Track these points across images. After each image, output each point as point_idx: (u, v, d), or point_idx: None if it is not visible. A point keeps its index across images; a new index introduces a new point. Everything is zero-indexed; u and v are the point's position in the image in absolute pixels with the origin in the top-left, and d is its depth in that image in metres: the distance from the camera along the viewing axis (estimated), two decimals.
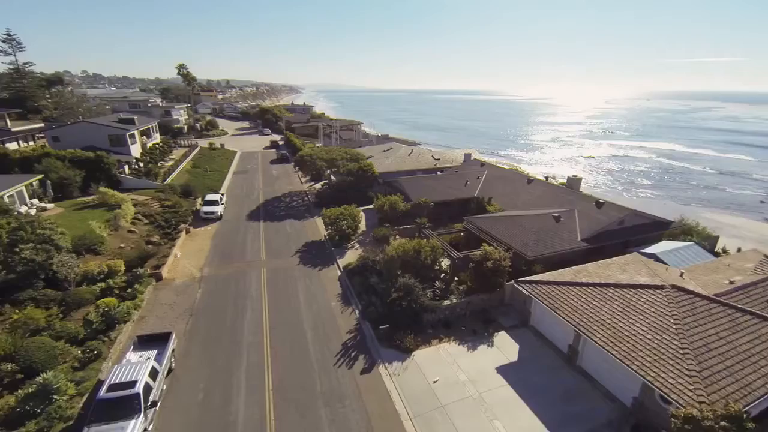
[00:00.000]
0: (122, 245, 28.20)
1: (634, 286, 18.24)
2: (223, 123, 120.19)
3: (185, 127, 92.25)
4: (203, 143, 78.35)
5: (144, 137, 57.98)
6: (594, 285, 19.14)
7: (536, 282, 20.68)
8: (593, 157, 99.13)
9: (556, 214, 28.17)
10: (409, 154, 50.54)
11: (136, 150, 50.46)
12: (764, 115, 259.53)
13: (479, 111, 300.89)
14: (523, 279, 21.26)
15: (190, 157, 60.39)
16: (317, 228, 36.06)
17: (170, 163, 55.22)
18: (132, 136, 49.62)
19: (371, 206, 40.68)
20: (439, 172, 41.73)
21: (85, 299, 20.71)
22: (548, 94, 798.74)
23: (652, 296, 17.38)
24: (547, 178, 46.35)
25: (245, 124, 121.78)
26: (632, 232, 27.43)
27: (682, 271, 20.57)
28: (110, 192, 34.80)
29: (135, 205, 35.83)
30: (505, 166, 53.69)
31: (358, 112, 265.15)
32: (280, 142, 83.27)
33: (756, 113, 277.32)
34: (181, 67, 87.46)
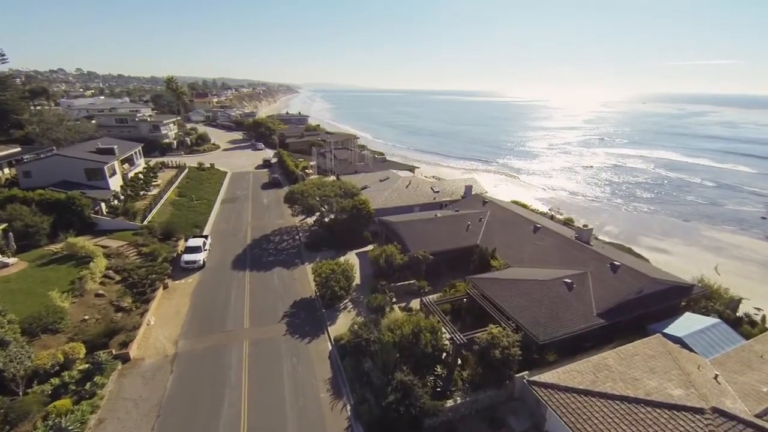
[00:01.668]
0: (86, 317, 25.29)
1: (670, 407, 15.75)
2: (215, 133, 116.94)
3: (174, 142, 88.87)
4: (192, 161, 75.29)
5: (126, 164, 54.85)
6: (621, 399, 16.63)
7: (552, 386, 18.16)
8: (591, 167, 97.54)
9: (568, 280, 25.68)
10: (407, 186, 47.94)
11: (115, 182, 47.29)
12: (760, 120, 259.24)
13: (476, 114, 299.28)
14: (536, 381, 18.72)
15: (176, 183, 57.32)
16: (307, 279, 33.35)
17: (155, 192, 52.18)
18: (111, 167, 46.50)
19: (366, 249, 38.22)
20: (438, 213, 39.15)
21: (32, 410, 17.86)
22: (545, 95, 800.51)
23: (692, 425, 14.88)
24: (552, 217, 43.87)
25: (238, 135, 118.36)
26: (652, 302, 24.99)
27: (717, 373, 18.21)
28: (79, 243, 31.84)
29: (108, 256, 32.95)
30: (507, 198, 51.19)
31: (354, 114, 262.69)
32: (273, 160, 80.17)
33: (751, 118, 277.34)
34: (170, 80, 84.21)
